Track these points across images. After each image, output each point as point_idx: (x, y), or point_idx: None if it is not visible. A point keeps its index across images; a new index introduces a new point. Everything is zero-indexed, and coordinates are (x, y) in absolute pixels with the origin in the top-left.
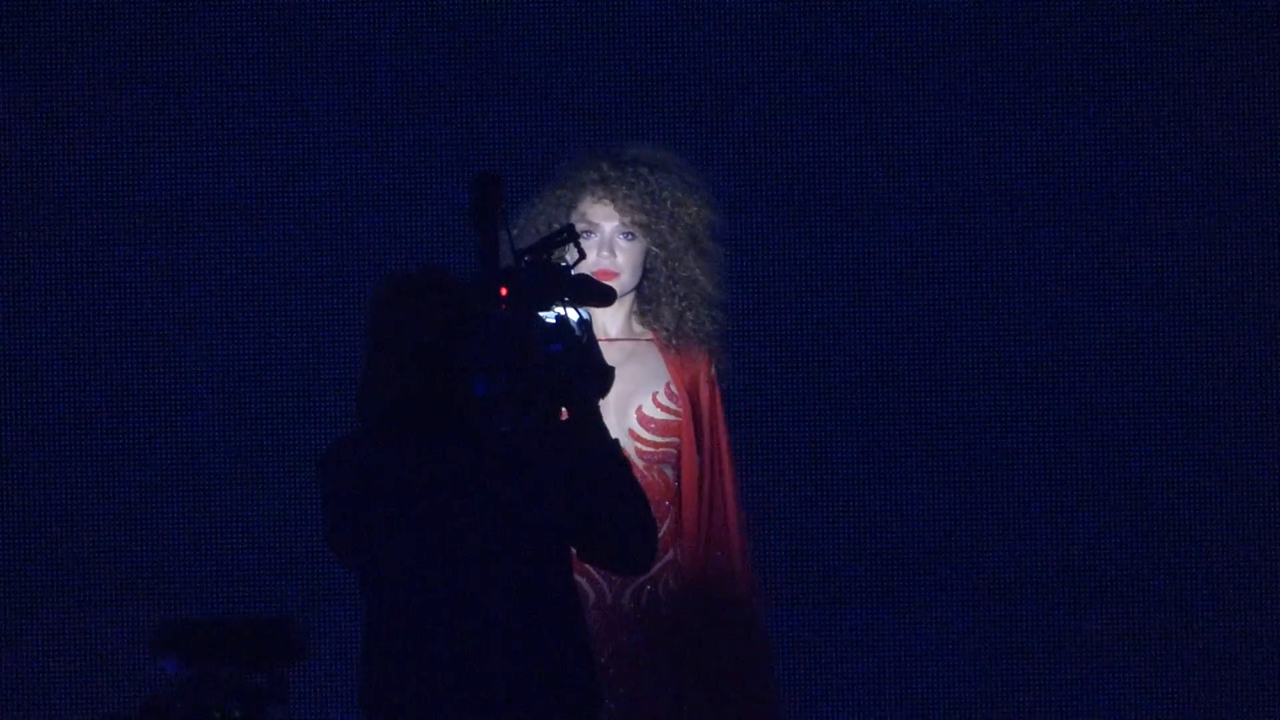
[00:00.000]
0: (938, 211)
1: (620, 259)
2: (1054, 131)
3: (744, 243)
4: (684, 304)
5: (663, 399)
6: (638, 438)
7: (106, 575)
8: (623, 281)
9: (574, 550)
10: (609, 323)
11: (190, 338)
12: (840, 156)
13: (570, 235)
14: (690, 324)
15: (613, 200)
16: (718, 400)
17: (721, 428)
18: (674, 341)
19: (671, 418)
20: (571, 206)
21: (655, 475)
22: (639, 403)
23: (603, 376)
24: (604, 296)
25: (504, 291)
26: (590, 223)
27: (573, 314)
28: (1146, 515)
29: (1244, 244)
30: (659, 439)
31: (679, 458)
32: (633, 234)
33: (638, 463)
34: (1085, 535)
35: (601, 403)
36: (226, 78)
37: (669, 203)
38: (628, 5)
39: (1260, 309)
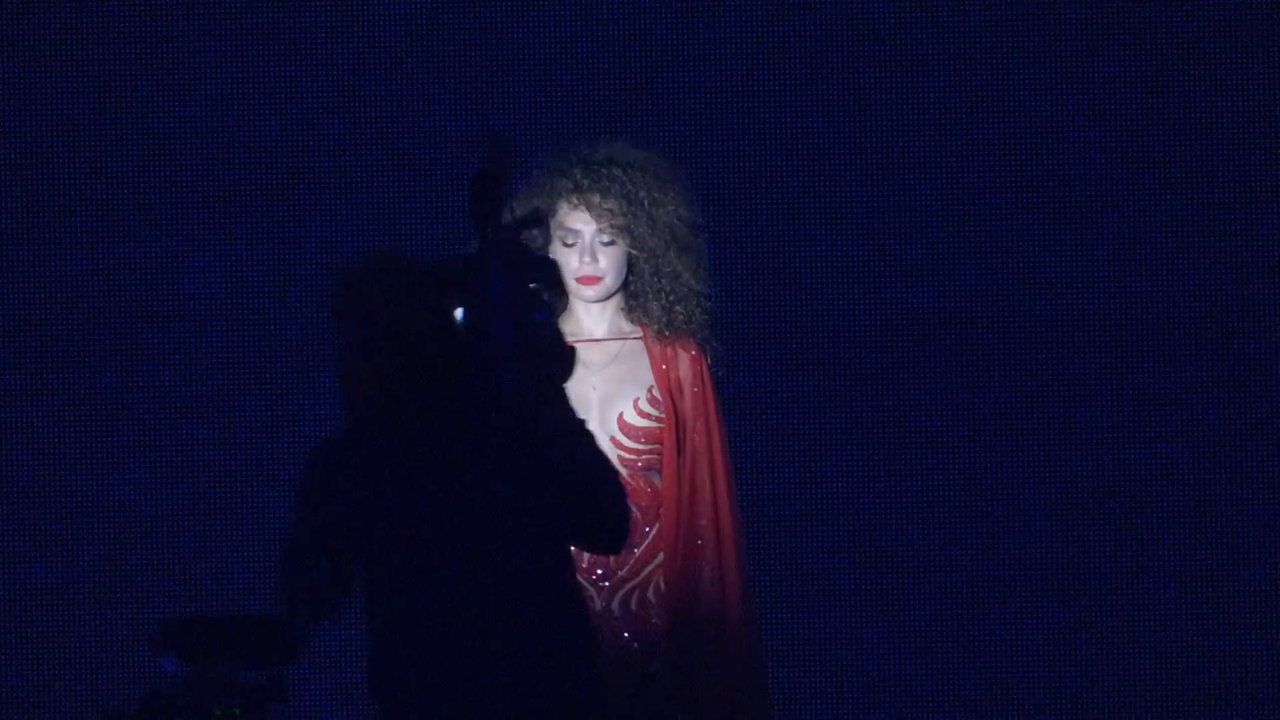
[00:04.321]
0: (935, 210)
1: (603, 263)
2: (1054, 132)
3: (741, 242)
4: (671, 298)
5: (644, 405)
6: (620, 445)
7: (107, 575)
8: (607, 285)
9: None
10: (595, 323)
11: (191, 336)
12: (837, 157)
13: (539, 218)
14: (681, 317)
15: (589, 207)
16: (712, 396)
17: (715, 424)
18: (665, 333)
19: (654, 424)
20: (549, 215)
21: (641, 482)
22: (620, 409)
23: (563, 358)
24: (550, 269)
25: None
26: (569, 230)
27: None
28: (1144, 518)
29: (1244, 248)
30: (641, 446)
31: (663, 463)
32: (612, 239)
33: (620, 470)
34: (1083, 537)
35: (584, 408)
36: (226, 76)
37: (645, 203)
38: (628, 5)
39: (1261, 313)
